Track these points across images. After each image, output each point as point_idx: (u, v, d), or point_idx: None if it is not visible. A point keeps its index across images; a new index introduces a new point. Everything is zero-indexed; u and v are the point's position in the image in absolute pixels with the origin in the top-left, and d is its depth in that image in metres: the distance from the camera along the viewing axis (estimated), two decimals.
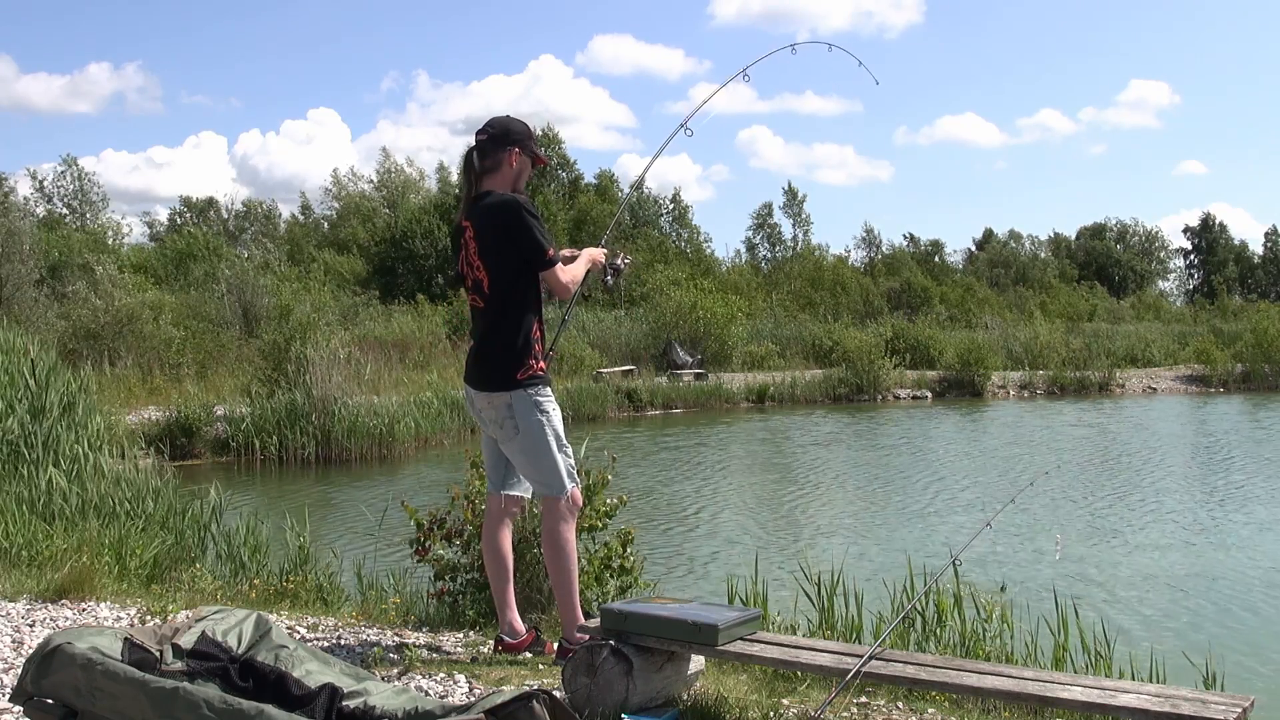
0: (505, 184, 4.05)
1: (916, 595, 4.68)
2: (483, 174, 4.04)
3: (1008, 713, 3.73)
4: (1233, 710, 2.81)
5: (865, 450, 16.61)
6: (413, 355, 22.90)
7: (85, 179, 47.53)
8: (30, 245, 24.13)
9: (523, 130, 4.09)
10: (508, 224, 3.94)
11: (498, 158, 4.03)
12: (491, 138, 4.03)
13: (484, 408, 4.06)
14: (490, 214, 3.98)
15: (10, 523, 6.35)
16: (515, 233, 3.93)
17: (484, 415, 4.09)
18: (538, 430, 3.97)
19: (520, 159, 4.06)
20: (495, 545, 4.18)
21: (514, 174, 4.06)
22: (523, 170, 4.09)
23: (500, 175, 4.04)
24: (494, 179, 4.04)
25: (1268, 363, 28.77)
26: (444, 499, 5.24)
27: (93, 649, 2.67)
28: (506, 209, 3.95)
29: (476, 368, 4.09)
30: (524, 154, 4.07)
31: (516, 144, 4.04)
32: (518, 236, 3.94)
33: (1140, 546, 9.22)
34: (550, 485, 4.00)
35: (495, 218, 3.96)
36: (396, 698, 2.71)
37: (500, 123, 4.09)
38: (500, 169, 4.03)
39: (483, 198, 4.03)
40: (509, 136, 4.04)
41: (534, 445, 3.98)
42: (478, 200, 4.04)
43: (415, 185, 52.78)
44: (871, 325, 32.18)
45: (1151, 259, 68.41)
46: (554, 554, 4.03)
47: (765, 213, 57.25)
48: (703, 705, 3.63)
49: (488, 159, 4.02)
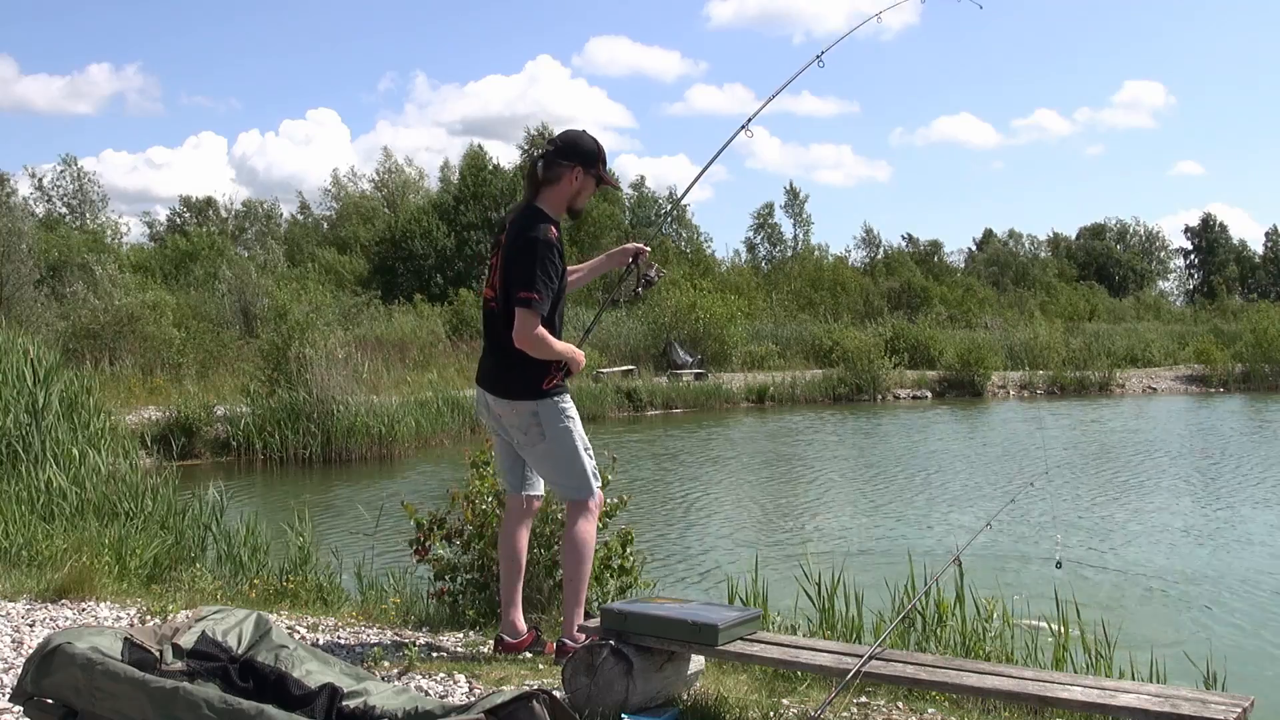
0: (561, 199, 4.01)
1: (916, 595, 4.68)
2: (542, 184, 3.99)
3: (1008, 713, 3.73)
4: (1233, 710, 2.81)
5: (865, 450, 16.61)
6: (413, 355, 22.91)
7: (85, 179, 47.58)
8: (30, 245, 24.14)
9: (591, 150, 4.02)
10: (520, 249, 3.88)
11: (558, 172, 3.97)
12: (557, 150, 3.99)
13: (505, 414, 4.03)
14: (516, 233, 3.94)
15: (10, 522, 6.35)
16: (520, 259, 3.87)
17: (505, 422, 4.05)
18: (565, 437, 3.98)
19: (581, 178, 4.00)
20: (513, 544, 4.19)
21: (571, 191, 4.01)
22: (582, 189, 4.03)
23: (557, 190, 3.99)
24: (551, 192, 3.99)
25: (1268, 363, 28.76)
26: (444, 499, 5.24)
27: (93, 649, 2.67)
28: (528, 236, 3.88)
29: (498, 374, 4.02)
30: (586, 174, 4.00)
31: (580, 163, 3.98)
32: (516, 264, 3.88)
33: (1141, 545, 9.22)
34: (579, 489, 4.03)
35: (516, 239, 3.92)
36: (396, 698, 2.71)
37: (569, 137, 4.04)
38: (558, 183, 3.98)
39: (529, 208, 3.99)
40: (573, 153, 3.98)
41: (562, 451, 3.99)
42: (525, 208, 4.01)
43: (415, 185, 52.79)
44: (871, 325, 32.18)
45: (1151, 259, 68.42)
46: (576, 555, 4.04)
47: (766, 212, 57.30)
48: (703, 705, 3.63)
49: (549, 170, 3.97)
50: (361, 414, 14.95)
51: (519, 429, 4.02)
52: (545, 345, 3.85)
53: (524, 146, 48.62)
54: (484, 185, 40.94)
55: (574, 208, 4.06)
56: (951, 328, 35.63)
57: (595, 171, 4.02)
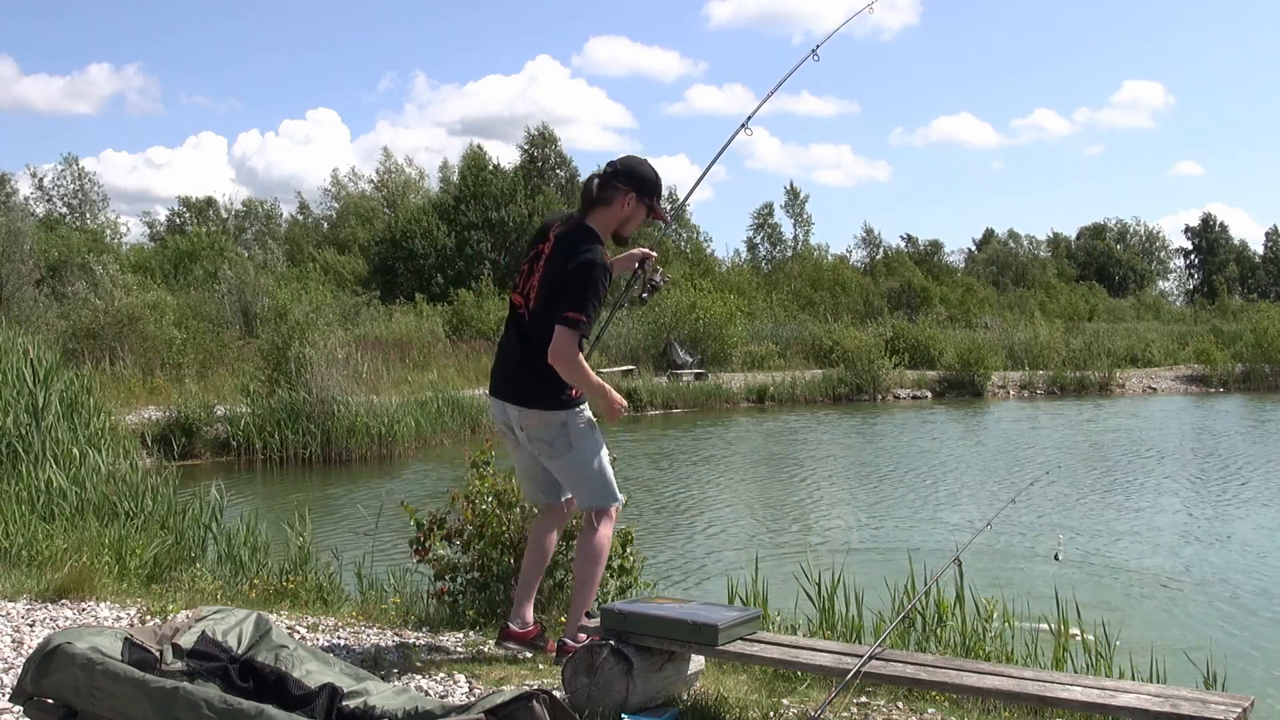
0: (610, 221, 3.99)
1: (916, 595, 4.68)
2: (595, 204, 3.98)
3: (1008, 713, 3.73)
4: (1233, 710, 2.81)
5: (865, 450, 16.60)
6: (413, 355, 22.90)
7: (85, 179, 47.61)
8: (30, 245, 24.15)
9: (649, 178, 4.00)
10: (576, 270, 3.83)
11: (611, 194, 3.96)
12: (615, 172, 3.98)
13: (532, 425, 3.98)
14: (567, 250, 3.89)
15: (10, 522, 6.34)
16: (573, 279, 3.83)
17: (531, 434, 4.00)
18: (594, 447, 4.00)
19: (633, 205, 3.98)
20: (543, 541, 4.24)
21: (622, 216, 4.00)
22: (633, 216, 4.01)
23: (608, 212, 3.98)
24: (601, 213, 3.98)
25: (1268, 363, 28.77)
26: (444, 499, 5.24)
27: (93, 649, 2.67)
28: (584, 258, 3.83)
29: (527, 385, 3.96)
30: (639, 201, 3.98)
31: (634, 189, 3.96)
32: (568, 283, 3.83)
33: (1140, 546, 9.22)
34: (604, 497, 4.05)
35: (569, 257, 3.87)
36: (396, 698, 2.71)
37: (629, 162, 4.03)
38: (610, 205, 3.97)
39: (580, 227, 3.96)
40: (630, 178, 3.97)
41: (588, 461, 4.00)
42: (576, 225, 3.98)
43: (415, 185, 52.79)
44: (871, 325, 32.17)
45: (1151, 259, 68.43)
46: (591, 560, 4.05)
47: (766, 212, 57.29)
48: (703, 705, 3.63)
49: (604, 190, 3.96)
50: (361, 414, 14.94)
51: (545, 440, 3.98)
52: (580, 370, 3.82)
53: (524, 146, 48.68)
54: (484, 185, 40.94)
55: (621, 233, 4.04)
56: (951, 328, 35.64)
57: (648, 201, 4.00)
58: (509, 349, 4.08)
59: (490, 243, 39.89)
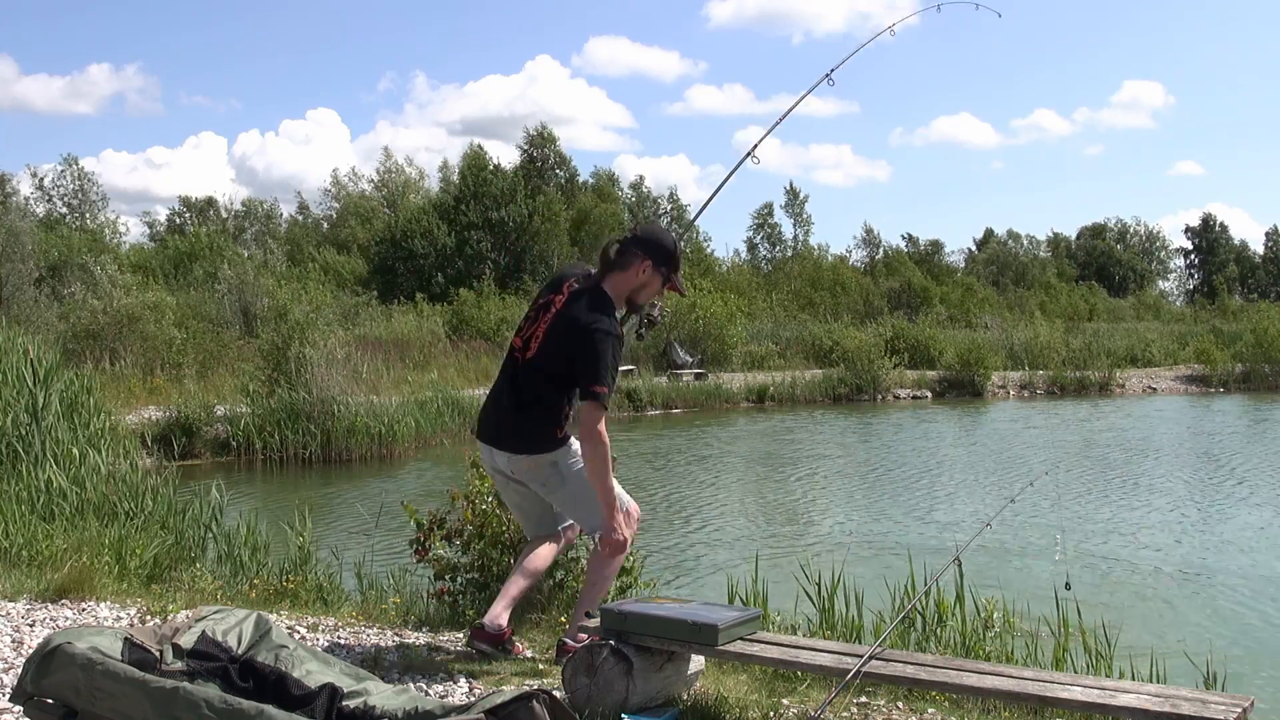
0: (625, 287, 3.99)
1: (916, 595, 4.68)
2: (611, 267, 3.98)
3: (1008, 713, 3.73)
4: (1233, 710, 2.81)
5: (865, 450, 16.60)
6: (413, 355, 22.89)
7: (85, 179, 47.61)
8: (30, 245, 24.15)
9: (667, 248, 3.99)
10: (592, 340, 3.84)
11: (629, 260, 3.96)
12: (634, 239, 3.99)
13: (522, 469, 4.01)
14: (582, 318, 3.88)
15: (10, 522, 6.34)
16: (589, 349, 3.83)
17: (524, 476, 4.04)
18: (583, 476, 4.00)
19: (650, 274, 3.97)
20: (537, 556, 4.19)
21: (638, 284, 3.99)
22: (648, 284, 4.00)
23: (624, 277, 3.98)
24: (618, 278, 3.98)
25: (1268, 363, 28.77)
26: (444, 499, 5.24)
27: (93, 649, 2.67)
28: (599, 328, 3.84)
29: (515, 430, 3.98)
30: (655, 270, 3.98)
31: (651, 257, 3.96)
32: (586, 354, 3.84)
33: (1140, 546, 9.22)
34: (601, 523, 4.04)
35: (584, 325, 3.86)
36: (396, 698, 2.71)
37: (650, 230, 4.05)
38: (625, 271, 3.97)
39: (595, 290, 3.95)
40: (648, 246, 3.97)
41: (584, 489, 4.00)
42: (592, 287, 3.97)
43: (415, 185, 52.80)
44: (871, 325, 32.17)
45: (1152, 259, 68.44)
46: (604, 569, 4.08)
47: (766, 212, 57.29)
48: (703, 705, 3.63)
49: (621, 256, 3.97)
50: (361, 414, 14.94)
51: (538, 481, 4.02)
52: (604, 452, 3.82)
53: (523, 147, 48.70)
54: (484, 185, 40.94)
55: (635, 300, 4.03)
56: (951, 328, 35.64)
57: (664, 271, 3.99)
58: (499, 394, 4.09)
59: (490, 242, 39.90)
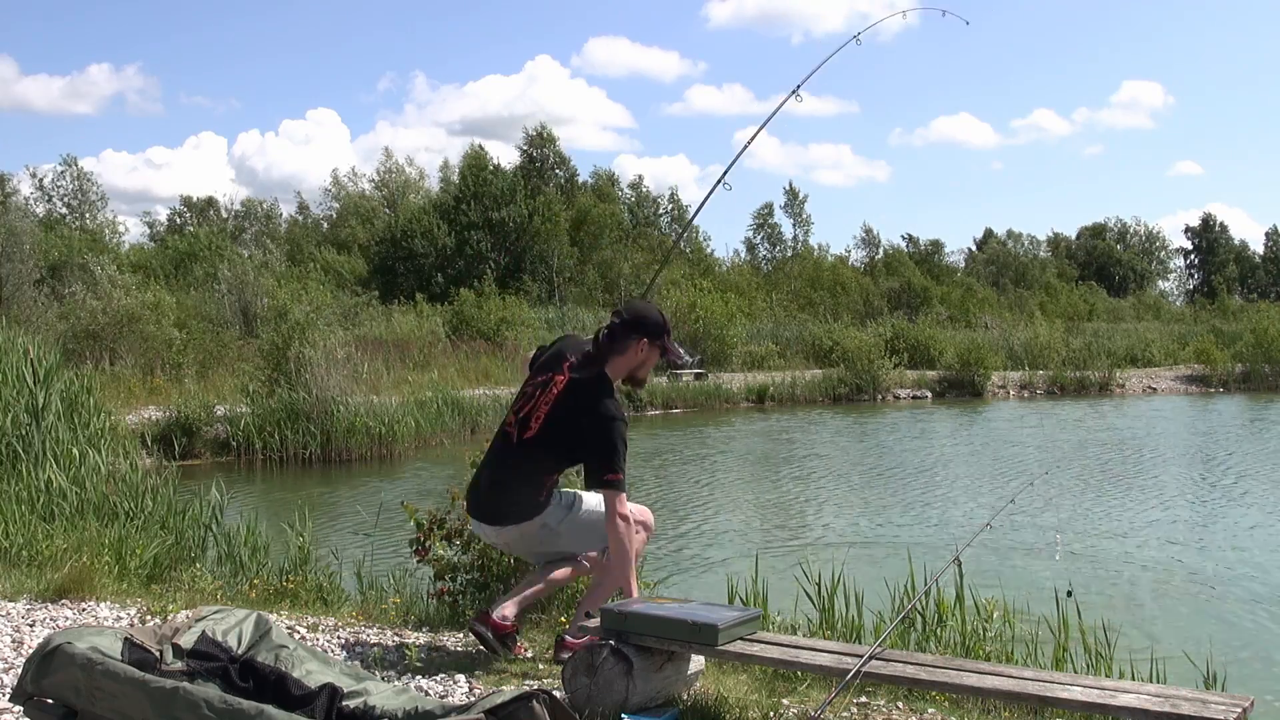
0: (625, 367, 4.07)
1: (916, 595, 4.68)
2: (611, 351, 4.04)
3: (1008, 713, 3.73)
4: (1233, 710, 2.81)
5: (865, 450, 16.60)
6: (413, 355, 22.89)
7: (85, 179, 47.61)
8: (30, 245, 24.14)
9: (657, 323, 4.08)
10: (603, 428, 3.91)
11: (625, 343, 4.03)
12: (624, 323, 4.04)
13: (514, 538, 4.10)
14: (584, 404, 3.95)
15: (10, 522, 6.34)
16: (604, 442, 3.89)
17: (515, 545, 4.15)
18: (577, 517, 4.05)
19: (647, 350, 4.06)
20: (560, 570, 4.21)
21: (637, 361, 4.08)
22: (647, 360, 4.10)
23: (624, 359, 4.05)
24: (619, 361, 4.05)
25: (1268, 363, 28.78)
26: (444, 499, 5.24)
27: (93, 649, 2.67)
28: (608, 415, 3.92)
29: (502, 507, 4.04)
30: (652, 345, 4.06)
31: (645, 336, 4.04)
32: (602, 445, 3.90)
33: (1140, 546, 9.21)
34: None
35: (592, 411, 3.93)
36: (396, 698, 2.71)
37: (637, 310, 4.11)
38: (625, 353, 4.05)
39: (601, 379, 4.01)
40: (641, 327, 4.05)
41: (580, 527, 4.06)
42: (596, 379, 4.01)
43: (415, 185, 52.80)
44: (871, 325, 32.18)
45: (1152, 259, 68.44)
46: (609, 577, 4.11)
47: (766, 212, 57.28)
48: (703, 705, 3.63)
49: (616, 341, 4.03)
50: (361, 414, 14.94)
51: (534, 543, 4.10)
52: (629, 539, 3.89)
53: (523, 147, 48.72)
54: (484, 185, 40.95)
55: (636, 376, 4.12)
56: (951, 328, 35.65)
57: (660, 343, 4.08)
58: (490, 471, 4.12)
59: (490, 242, 39.90)
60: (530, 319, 29.77)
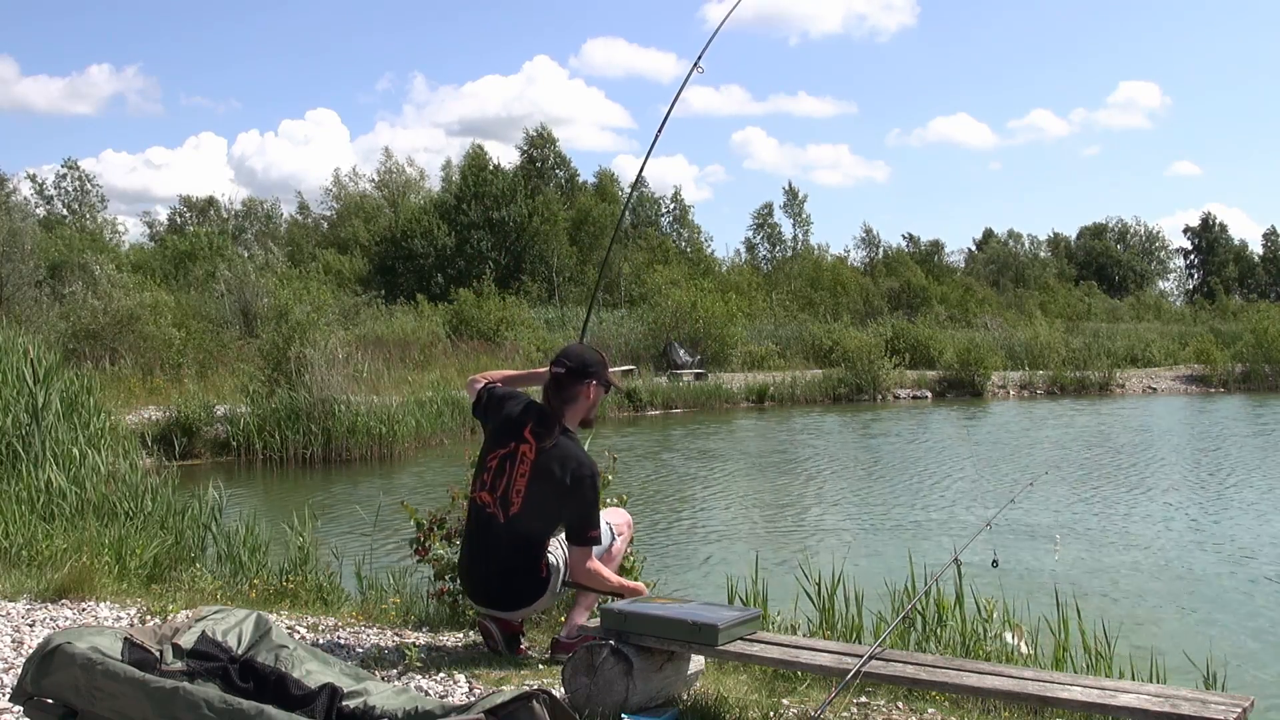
0: (581, 412, 4.18)
1: (916, 595, 4.68)
2: (565, 403, 4.12)
3: (1008, 713, 3.73)
4: (1233, 710, 2.81)
5: (865, 450, 16.60)
6: (413, 355, 22.90)
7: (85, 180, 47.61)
8: (31, 245, 24.12)
9: (597, 361, 4.19)
10: (579, 490, 3.99)
11: (575, 390, 4.12)
12: (570, 371, 4.11)
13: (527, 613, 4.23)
14: (564, 465, 4.01)
15: (10, 522, 6.34)
16: (583, 502, 3.99)
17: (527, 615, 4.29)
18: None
19: (596, 389, 4.18)
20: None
21: (590, 404, 4.19)
22: (598, 399, 4.22)
23: (578, 406, 4.15)
24: (573, 409, 4.14)
25: (1268, 363, 28.79)
26: (444, 499, 5.24)
27: (93, 649, 2.66)
28: (583, 473, 4.01)
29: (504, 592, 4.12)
30: (598, 385, 4.16)
31: (593, 377, 4.14)
32: (581, 505, 3.99)
33: (1140, 546, 9.22)
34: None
35: (575, 475, 4.00)
36: (396, 698, 2.71)
37: (576, 356, 4.17)
38: (578, 400, 4.14)
39: (567, 438, 4.08)
40: (586, 371, 4.12)
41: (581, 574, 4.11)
42: (564, 439, 4.08)
43: (416, 185, 52.79)
44: (871, 325, 32.18)
45: (1151, 259, 68.42)
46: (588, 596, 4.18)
47: (765, 213, 57.24)
48: (703, 705, 3.63)
49: (565, 390, 4.10)
50: (361, 414, 14.94)
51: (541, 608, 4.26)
52: (602, 577, 4.03)
53: (522, 147, 48.72)
54: (484, 185, 40.96)
55: (588, 419, 4.23)
56: (951, 328, 35.65)
57: (605, 380, 4.20)
58: (484, 558, 4.13)
59: (490, 242, 39.91)
60: (530, 319, 29.78)
